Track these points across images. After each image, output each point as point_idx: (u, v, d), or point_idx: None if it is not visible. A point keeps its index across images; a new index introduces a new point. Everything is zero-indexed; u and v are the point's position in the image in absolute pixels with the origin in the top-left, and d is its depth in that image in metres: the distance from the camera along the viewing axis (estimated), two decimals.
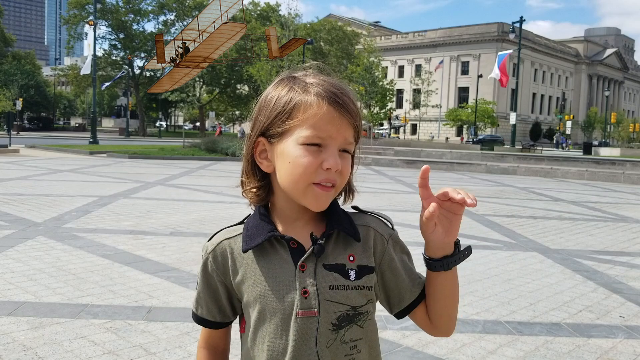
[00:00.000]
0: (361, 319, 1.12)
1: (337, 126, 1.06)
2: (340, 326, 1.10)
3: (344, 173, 1.09)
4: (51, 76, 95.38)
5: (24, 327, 3.72)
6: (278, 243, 1.12)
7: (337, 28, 61.23)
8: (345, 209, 1.20)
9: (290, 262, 1.10)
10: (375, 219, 1.20)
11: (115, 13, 62.28)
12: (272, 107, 1.11)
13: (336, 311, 1.09)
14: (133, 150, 25.49)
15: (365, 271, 1.12)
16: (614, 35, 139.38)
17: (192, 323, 3.89)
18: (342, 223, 1.14)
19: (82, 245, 6.25)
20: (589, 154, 32.65)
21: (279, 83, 1.14)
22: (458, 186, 1.05)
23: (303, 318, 1.08)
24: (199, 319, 1.23)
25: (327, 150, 1.05)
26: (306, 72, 1.14)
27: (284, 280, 1.09)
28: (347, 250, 1.12)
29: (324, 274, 1.09)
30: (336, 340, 1.09)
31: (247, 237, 1.14)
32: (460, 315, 4.31)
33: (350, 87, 1.14)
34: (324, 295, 1.08)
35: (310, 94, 1.07)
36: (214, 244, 1.18)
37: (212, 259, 1.17)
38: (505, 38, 76.09)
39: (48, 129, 67.00)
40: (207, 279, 1.19)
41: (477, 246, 7.02)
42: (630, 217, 10.45)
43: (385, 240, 1.17)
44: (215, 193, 11.82)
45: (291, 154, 1.07)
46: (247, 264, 1.13)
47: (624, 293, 5.14)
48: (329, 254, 1.11)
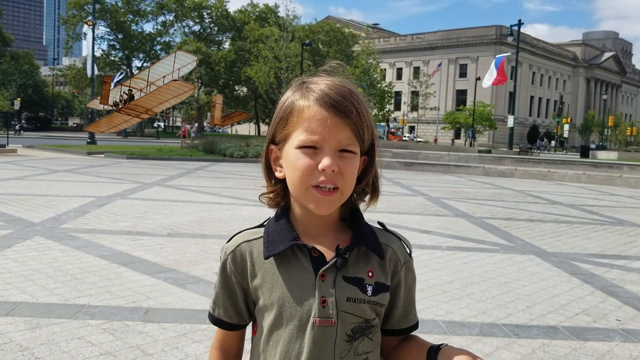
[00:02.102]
0: (372, 331, 1.13)
1: (329, 127, 1.05)
2: (355, 337, 1.11)
3: (346, 174, 1.07)
4: (49, 76, 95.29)
5: (21, 327, 3.71)
6: (299, 250, 1.12)
7: (335, 30, 61.33)
8: (372, 219, 1.19)
9: (310, 270, 1.10)
10: (398, 242, 1.20)
11: (114, 13, 62.26)
12: (276, 114, 1.14)
13: (351, 322, 1.10)
14: (131, 151, 25.45)
15: (382, 289, 1.13)
16: (612, 39, 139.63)
17: (189, 324, 3.90)
18: (367, 239, 1.14)
19: (80, 245, 6.25)
20: (586, 157, 32.73)
21: (288, 89, 1.15)
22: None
23: (320, 327, 1.08)
24: (215, 320, 1.23)
25: (322, 152, 1.05)
26: (319, 76, 1.13)
27: (303, 287, 1.10)
28: (367, 266, 1.13)
29: (343, 285, 1.10)
30: (350, 351, 1.10)
31: (268, 243, 1.14)
32: (457, 318, 4.32)
33: (357, 88, 1.13)
34: (342, 306, 1.09)
35: (308, 98, 1.08)
36: (234, 246, 1.18)
37: (231, 260, 1.17)
38: (503, 41, 76.22)
39: (46, 128, 66.94)
40: (226, 280, 1.19)
41: (474, 249, 7.03)
42: (627, 220, 10.47)
43: (400, 265, 1.18)
44: (213, 194, 11.82)
45: (290, 158, 1.08)
46: (266, 268, 1.14)
47: (621, 296, 5.15)
48: (350, 266, 1.11)
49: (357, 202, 1.19)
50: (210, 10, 66.07)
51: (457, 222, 9.20)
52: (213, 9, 65.71)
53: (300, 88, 1.11)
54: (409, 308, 1.21)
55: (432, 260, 6.21)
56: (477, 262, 6.27)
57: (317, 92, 1.07)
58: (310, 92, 1.08)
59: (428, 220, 9.25)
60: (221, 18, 66.06)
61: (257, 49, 39.07)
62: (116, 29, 63.91)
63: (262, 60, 36.29)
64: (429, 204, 11.74)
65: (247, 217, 8.74)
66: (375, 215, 1.25)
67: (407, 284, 1.20)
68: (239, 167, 21.23)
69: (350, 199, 1.15)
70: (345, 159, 1.07)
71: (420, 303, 4.59)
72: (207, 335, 3.72)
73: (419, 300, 4.65)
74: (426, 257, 6.26)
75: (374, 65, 46.47)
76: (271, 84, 35.30)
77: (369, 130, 1.11)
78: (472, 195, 13.66)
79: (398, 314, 1.19)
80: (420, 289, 4.98)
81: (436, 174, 21.99)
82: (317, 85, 1.09)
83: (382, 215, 9.16)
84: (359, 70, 42.91)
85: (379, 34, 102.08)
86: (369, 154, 1.15)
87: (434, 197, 12.90)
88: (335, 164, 1.05)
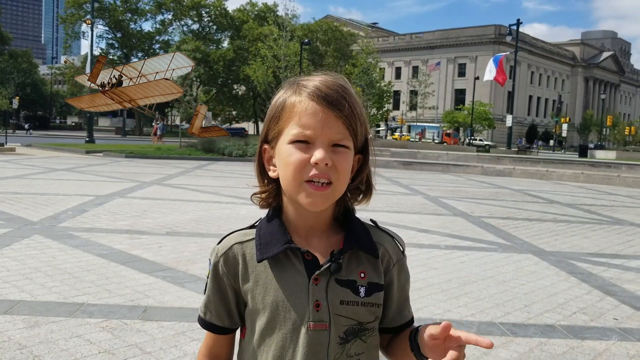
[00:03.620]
0: (366, 334, 1.13)
1: (322, 121, 1.04)
2: (347, 340, 1.10)
3: (339, 168, 1.05)
4: (48, 75, 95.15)
5: (19, 325, 3.72)
6: (292, 253, 1.11)
7: (334, 29, 61.26)
8: (361, 218, 1.19)
9: (304, 274, 1.09)
10: (390, 240, 1.20)
11: (113, 12, 62.17)
12: (268, 112, 1.13)
13: (344, 325, 1.10)
14: (129, 150, 25.44)
15: (375, 288, 1.12)
16: (611, 39, 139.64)
17: (187, 322, 3.90)
18: (360, 240, 1.13)
19: (78, 244, 6.25)
20: (584, 157, 32.77)
21: (281, 88, 1.14)
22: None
23: (314, 331, 1.08)
24: (206, 324, 1.20)
25: (315, 146, 1.05)
26: (312, 75, 1.13)
27: (297, 291, 1.09)
28: (359, 267, 1.12)
29: (336, 288, 1.09)
30: (342, 354, 1.10)
31: (261, 245, 1.12)
32: (455, 317, 4.33)
33: (350, 85, 1.12)
34: (335, 309, 1.09)
35: (300, 93, 1.07)
36: (225, 247, 1.16)
37: (223, 262, 1.15)
38: (502, 40, 76.21)
39: (45, 127, 66.81)
40: (218, 283, 1.17)
41: (472, 248, 7.05)
42: (625, 219, 10.49)
43: (393, 264, 1.18)
44: (212, 193, 11.82)
45: (283, 153, 1.07)
46: (259, 271, 1.12)
47: (618, 295, 5.17)
48: (343, 269, 1.10)
49: (350, 201, 1.17)
50: (209, 8, 66.02)
51: (456, 221, 9.22)
52: (212, 7, 65.64)
53: (292, 86, 1.11)
54: (403, 306, 1.21)
55: (430, 259, 6.23)
56: (475, 261, 6.29)
57: (309, 88, 1.07)
58: (302, 88, 1.08)
59: (426, 220, 9.26)
60: (220, 17, 65.98)
61: (255, 48, 39.02)
62: (115, 27, 63.83)
63: (260, 60, 36.26)
64: (427, 203, 11.76)
65: (245, 216, 8.74)
66: (375, 215, 1.26)
67: (400, 282, 1.19)
68: (237, 166, 21.23)
69: (344, 197, 1.14)
70: (338, 154, 1.05)
71: (418, 302, 4.60)
72: (205, 333, 3.72)
73: (417, 299, 4.66)
74: (424, 256, 6.28)
75: (373, 64, 46.48)
76: (270, 83, 35.27)
77: (362, 126, 1.10)
78: (470, 195, 13.67)
79: (392, 312, 1.19)
80: (418, 288, 4.99)
81: (435, 173, 22.01)
82: (310, 81, 1.09)
83: (380, 214, 9.17)
84: (358, 69, 42.91)
85: (378, 33, 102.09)
86: (363, 152, 1.14)
87: (432, 196, 12.91)
88: (329, 157, 1.03)
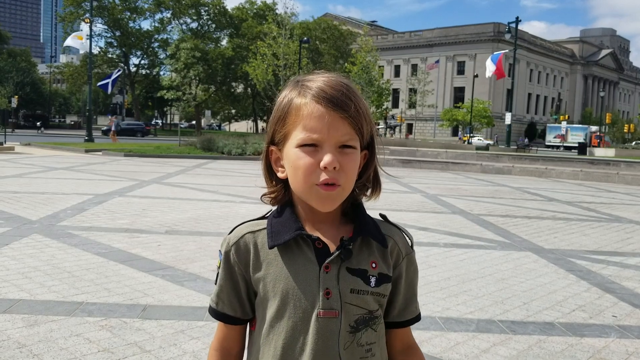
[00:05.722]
0: (375, 322, 1.14)
1: (328, 123, 1.05)
2: (358, 329, 1.11)
3: (347, 170, 1.07)
4: (47, 74, 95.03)
5: (18, 324, 3.72)
6: (303, 242, 1.12)
7: (332, 27, 61.23)
8: (372, 214, 1.20)
9: (314, 261, 1.10)
10: (399, 233, 1.22)
11: (112, 10, 62.11)
12: (273, 114, 1.14)
13: (355, 314, 1.11)
14: (129, 149, 25.42)
15: (384, 279, 1.14)
16: (609, 36, 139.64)
17: (186, 321, 3.90)
18: (369, 229, 1.15)
19: (77, 243, 6.25)
20: (583, 155, 32.76)
21: (284, 88, 1.15)
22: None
23: (324, 318, 1.08)
24: (218, 314, 1.19)
25: (323, 149, 1.05)
26: (315, 73, 1.13)
27: (307, 279, 1.10)
28: (371, 257, 1.14)
29: (347, 277, 1.10)
30: (353, 342, 1.11)
31: (272, 233, 1.13)
32: (454, 314, 4.33)
33: (353, 83, 1.13)
34: (345, 297, 1.09)
35: (305, 95, 1.08)
36: (237, 237, 1.17)
37: (235, 251, 1.16)
38: (501, 38, 76.11)
39: (44, 126, 66.73)
40: (230, 271, 1.17)
41: (471, 246, 7.05)
42: (624, 217, 10.50)
43: (402, 257, 1.19)
44: (211, 192, 11.82)
45: (291, 157, 1.08)
46: (270, 259, 1.13)
47: (617, 293, 5.18)
48: (354, 258, 1.11)
49: (358, 197, 1.19)
50: (208, 7, 65.98)
51: (455, 219, 9.22)
52: (211, 6, 65.61)
53: (296, 86, 1.11)
54: (411, 301, 1.22)
55: (429, 257, 6.23)
56: (474, 259, 6.29)
57: (313, 89, 1.07)
58: (306, 89, 1.08)
59: (425, 217, 9.26)
60: (219, 15, 65.95)
61: (255, 46, 38.98)
62: (113, 26, 63.81)
63: (259, 58, 36.22)
64: (426, 201, 11.76)
65: (244, 214, 8.74)
66: (373, 213, 1.26)
67: (409, 276, 1.21)
68: (236, 164, 21.22)
69: (352, 193, 1.15)
70: (346, 155, 1.07)
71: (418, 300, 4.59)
72: (204, 332, 3.73)
73: None
74: (423, 254, 6.29)
75: (372, 62, 46.43)
76: (269, 82, 35.25)
77: (367, 124, 1.11)
78: (469, 193, 13.69)
79: (399, 306, 1.20)
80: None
81: (434, 171, 22.01)
82: (313, 82, 1.09)
83: (380, 212, 9.15)
84: (357, 67, 42.87)
85: (377, 31, 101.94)
86: (369, 148, 1.15)
87: (431, 194, 12.91)
88: (337, 160, 1.05)
